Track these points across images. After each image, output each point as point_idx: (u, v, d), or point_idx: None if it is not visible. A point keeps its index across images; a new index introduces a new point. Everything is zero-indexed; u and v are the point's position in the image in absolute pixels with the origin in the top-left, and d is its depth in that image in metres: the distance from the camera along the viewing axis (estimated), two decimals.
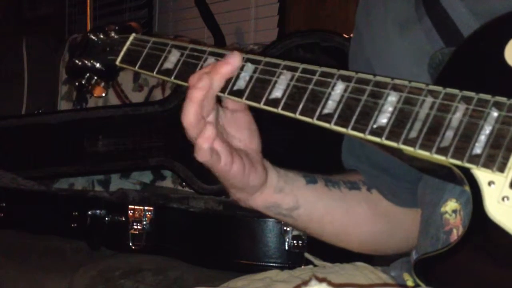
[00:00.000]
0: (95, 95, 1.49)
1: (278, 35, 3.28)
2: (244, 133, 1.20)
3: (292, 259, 2.05)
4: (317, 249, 1.45)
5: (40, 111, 3.53)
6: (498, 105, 0.90)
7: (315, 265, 1.43)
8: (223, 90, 1.15)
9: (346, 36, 2.56)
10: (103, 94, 1.50)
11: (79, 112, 3.22)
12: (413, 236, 1.30)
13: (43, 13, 4.74)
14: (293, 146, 2.64)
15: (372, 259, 1.42)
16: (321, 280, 0.97)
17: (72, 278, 2.29)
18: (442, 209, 1.13)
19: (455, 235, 1.10)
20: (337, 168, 1.42)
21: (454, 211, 1.11)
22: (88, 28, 3.84)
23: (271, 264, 2.06)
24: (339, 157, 1.45)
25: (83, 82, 1.48)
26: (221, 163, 1.14)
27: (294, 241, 2.05)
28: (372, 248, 1.39)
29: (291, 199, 1.27)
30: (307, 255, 1.50)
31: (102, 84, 1.49)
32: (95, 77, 1.47)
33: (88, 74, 1.47)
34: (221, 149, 1.13)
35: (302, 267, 1.44)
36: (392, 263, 1.36)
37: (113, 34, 1.42)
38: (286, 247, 2.06)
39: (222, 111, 1.19)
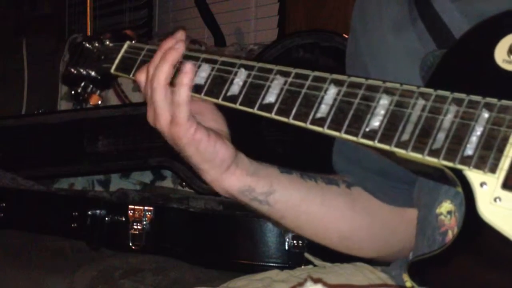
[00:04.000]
0: (91, 103, 1.50)
1: (278, 35, 3.28)
2: (207, 117, 1.23)
3: (292, 259, 2.04)
4: (317, 249, 1.45)
5: (40, 111, 3.54)
6: (488, 106, 0.90)
7: (315, 265, 1.44)
8: (216, 96, 1.16)
9: (346, 36, 2.55)
10: (99, 102, 1.50)
11: (79, 112, 3.21)
12: (406, 238, 1.31)
13: (43, 13, 4.74)
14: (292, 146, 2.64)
15: (372, 259, 1.42)
16: (316, 280, 0.97)
17: (72, 278, 2.28)
18: (437, 211, 1.13)
19: (450, 237, 1.10)
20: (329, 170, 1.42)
21: (449, 212, 1.11)
22: (88, 28, 3.84)
23: (271, 264, 2.05)
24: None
25: (79, 91, 1.49)
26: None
27: (294, 241, 2.04)
28: (354, 246, 1.37)
29: (265, 183, 1.26)
30: (307, 255, 1.50)
31: (98, 92, 1.49)
32: (91, 86, 1.48)
33: (83, 83, 1.48)
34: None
35: (302, 267, 1.44)
36: (392, 263, 1.37)
37: (107, 42, 1.43)
38: (286, 247, 2.05)
39: None
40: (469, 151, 0.90)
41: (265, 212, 1.30)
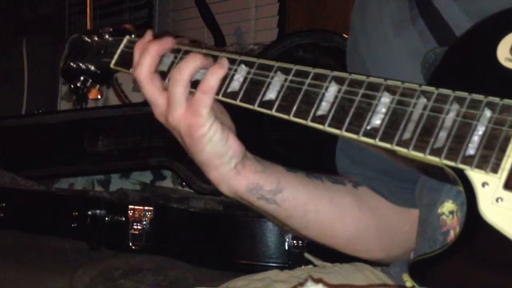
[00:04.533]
0: (90, 97, 1.49)
1: (278, 35, 3.28)
2: (217, 112, 1.20)
3: (292, 259, 2.04)
4: (317, 249, 1.44)
5: (40, 111, 3.54)
6: (491, 105, 0.90)
7: (315, 265, 1.43)
8: (217, 92, 1.15)
9: (346, 36, 2.55)
10: (99, 97, 1.50)
11: (79, 112, 3.22)
12: (411, 239, 1.30)
13: (43, 13, 4.73)
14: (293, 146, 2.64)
15: (376, 261, 1.41)
16: (317, 280, 0.97)
17: (72, 278, 2.29)
18: (439, 210, 1.13)
19: (452, 236, 1.10)
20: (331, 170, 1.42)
21: (451, 212, 1.11)
22: (88, 28, 3.84)
23: (271, 264, 2.06)
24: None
25: (78, 85, 1.48)
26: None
27: (294, 241, 2.04)
28: (361, 247, 1.35)
29: (273, 180, 1.24)
30: (307, 255, 1.50)
31: (98, 86, 1.48)
32: (90, 80, 1.47)
33: (83, 77, 1.47)
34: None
35: (302, 267, 1.44)
36: (391, 263, 1.36)
37: (107, 36, 1.42)
38: (286, 247, 2.06)
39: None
40: (471, 150, 0.89)
41: (272, 212, 1.27)
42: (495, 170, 0.88)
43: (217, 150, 1.18)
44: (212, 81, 1.15)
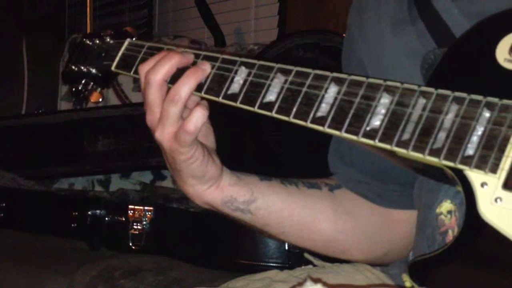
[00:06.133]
0: (92, 100, 1.50)
1: (278, 35, 3.28)
2: (201, 130, 1.20)
3: (292, 259, 2.04)
4: None
5: (40, 111, 3.54)
6: (489, 106, 0.90)
7: (314, 265, 1.44)
8: (217, 94, 1.16)
9: None
10: (100, 100, 1.50)
11: (79, 112, 3.21)
12: (391, 239, 1.31)
13: (43, 13, 4.73)
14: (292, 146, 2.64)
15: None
16: (316, 280, 0.97)
17: (72, 278, 2.28)
18: (437, 210, 1.13)
19: (450, 236, 1.10)
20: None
21: (449, 212, 1.11)
22: (88, 28, 3.84)
23: (271, 264, 2.06)
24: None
25: (79, 88, 1.48)
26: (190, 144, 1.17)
27: None
28: (338, 248, 1.36)
29: (246, 191, 1.27)
30: (306, 255, 1.50)
31: (99, 89, 1.49)
32: (91, 83, 1.48)
33: (84, 80, 1.48)
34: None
35: (302, 267, 1.44)
36: (390, 264, 1.37)
37: (108, 39, 1.43)
38: (286, 247, 2.06)
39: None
40: (470, 151, 0.90)
41: (248, 221, 1.30)
42: (494, 170, 0.88)
43: (196, 173, 1.22)
44: (182, 89, 1.16)
